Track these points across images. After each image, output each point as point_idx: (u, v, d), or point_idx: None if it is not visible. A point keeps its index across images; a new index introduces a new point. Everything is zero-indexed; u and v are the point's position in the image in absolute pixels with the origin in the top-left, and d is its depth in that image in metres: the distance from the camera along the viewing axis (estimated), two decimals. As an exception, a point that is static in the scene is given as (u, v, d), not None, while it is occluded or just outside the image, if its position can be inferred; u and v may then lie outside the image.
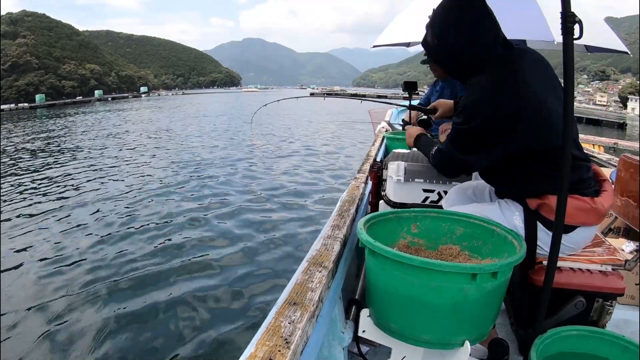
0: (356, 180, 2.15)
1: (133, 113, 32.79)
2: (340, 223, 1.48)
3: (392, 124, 5.57)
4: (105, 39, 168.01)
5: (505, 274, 1.03)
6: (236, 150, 12.07)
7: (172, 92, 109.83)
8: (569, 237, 1.21)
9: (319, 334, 1.01)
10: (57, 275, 4.21)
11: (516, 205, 1.27)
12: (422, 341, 1.07)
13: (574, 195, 1.17)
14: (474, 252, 1.24)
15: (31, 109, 48.06)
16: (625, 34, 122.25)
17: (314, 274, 1.08)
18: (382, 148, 3.44)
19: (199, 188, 7.62)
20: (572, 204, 1.16)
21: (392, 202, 2.09)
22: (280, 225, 5.59)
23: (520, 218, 1.25)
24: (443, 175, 1.47)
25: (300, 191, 7.39)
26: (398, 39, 3.31)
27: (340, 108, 30.92)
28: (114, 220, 5.88)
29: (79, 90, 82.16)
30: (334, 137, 15.65)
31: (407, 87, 1.92)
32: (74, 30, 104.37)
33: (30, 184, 8.44)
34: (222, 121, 22.85)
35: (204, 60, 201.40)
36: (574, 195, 1.18)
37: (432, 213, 1.33)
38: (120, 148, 13.21)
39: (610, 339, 1.05)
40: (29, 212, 6.44)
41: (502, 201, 1.33)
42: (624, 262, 1.27)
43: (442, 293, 0.98)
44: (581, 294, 1.23)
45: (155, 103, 49.92)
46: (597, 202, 1.18)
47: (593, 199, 1.19)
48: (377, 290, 1.12)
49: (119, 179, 8.56)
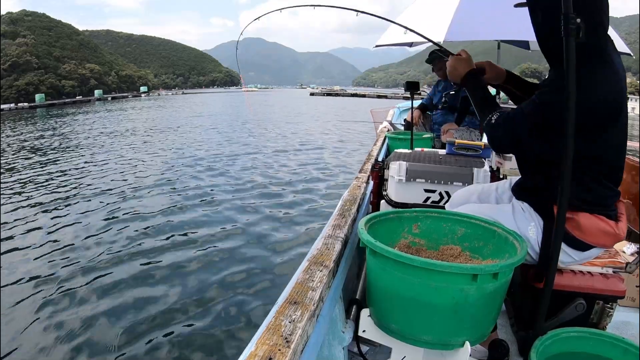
0: (357, 180, 2.15)
1: (133, 112, 32.78)
2: (341, 222, 1.48)
3: (394, 124, 5.58)
4: (105, 39, 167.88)
5: (506, 275, 1.03)
6: (236, 150, 12.07)
7: (172, 91, 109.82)
8: (582, 254, 1.20)
9: (319, 334, 1.01)
10: (53, 274, 4.21)
11: (533, 214, 1.22)
12: (423, 341, 1.07)
13: (600, 217, 1.15)
14: (475, 253, 1.24)
15: (31, 109, 47.98)
16: (625, 33, 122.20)
17: (315, 273, 1.08)
18: (383, 148, 3.44)
19: (199, 187, 7.61)
20: (599, 225, 1.14)
21: (394, 202, 2.09)
22: (280, 224, 5.59)
23: (535, 230, 1.20)
24: (491, 145, 1.26)
25: (301, 190, 7.39)
26: (400, 39, 3.32)
27: (340, 108, 30.87)
28: (109, 217, 5.90)
29: (78, 89, 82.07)
30: (335, 136, 15.65)
31: (409, 87, 1.92)
32: (74, 30, 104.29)
33: (29, 183, 8.43)
34: (222, 121, 22.85)
35: (204, 60, 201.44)
36: (600, 216, 1.15)
37: (433, 213, 1.33)
38: (120, 147, 13.21)
39: (611, 341, 1.05)
40: (27, 211, 6.45)
41: (517, 204, 1.27)
42: (625, 265, 1.27)
43: (442, 293, 0.98)
44: (582, 296, 1.23)
45: (156, 103, 49.91)
46: (619, 227, 1.16)
47: (617, 223, 1.17)
48: (377, 290, 1.12)
49: (118, 177, 8.55)
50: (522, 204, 1.27)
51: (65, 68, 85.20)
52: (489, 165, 2.13)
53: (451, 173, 2.02)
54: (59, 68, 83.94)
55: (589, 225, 1.14)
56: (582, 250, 1.18)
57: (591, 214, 1.14)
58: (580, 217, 1.14)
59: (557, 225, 1.03)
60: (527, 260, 1.22)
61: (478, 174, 2.00)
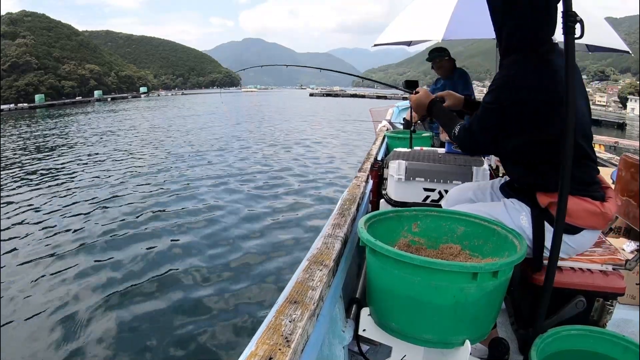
0: (357, 179, 2.14)
1: (132, 113, 32.78)
2: (341, 222, 1.48)
3: (393, 123, 5.58)
4: (104, 39, 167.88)
5: (506, 274, 1.03)
6: (237, 150, 12.07)
7: (171, 92, 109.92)
8: (573, 238, 1.21)
9: (320, 333, 1.01)
10: (53, 274, 4.21)
11: (522, 205, 1.27)
12: (423, 340, 1.07)
13: (584, 198, 1.18)
14: (475, 251, 1.24)
15: (31, 109, 48.03)
16: (625, 34, 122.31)
17: (315, 273, 1.08)
18: (383, 147, 3.44)
19: (199, 186, 7.61)
20: (583, 206, 1.17)
21: (393, 200, 2.09)
22: (280, 223, 5.60)
23: (527, 218, 1.24)
24: (463, 151, 1.44)
25: (301, 190, 7.40)
26: (398, 38, 3.32)
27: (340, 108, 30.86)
28: (109, 217, 5.90)
29: (78, 90, 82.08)
30: (334, 136, 15.65)
31: (408, 86, 1.92)
32: (74, 31, 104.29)
33: (28, 182, 8.43)
34: (222, 120, 22.86)
35: (204, 61, 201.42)
36: (584, 197, 1.18)
37: (433, 212, 1.33)
38: (120, 146, 13.21)
39: (611, 339, 1.05)
40: (26, 211, 6.45)
41: (507, 201, 1.32)
42: (625, 262, 1.27)
43: (442, 292, 0.98)
44: (582, 293, 1.23)
45: (155, 103, 49.93)
46: (605, 206, 1.19)
47: (602, 203, 1.19)
48: (377, 289, 1.12)
49: (118, 176, 8.55)
50: (511, 200, 1.32)
51: (65, 68, 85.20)
52: (488, 163, 2.13)
53: (450, 172, 2.02)
54: (59, 68, 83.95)
55: (574, 207, 1.16)
56: (573, 234, 1.20)
57: (574, 196, 1.16)
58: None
59: (557, 224, 1.03)
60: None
61: (477, 173, 2.00)
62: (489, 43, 4.50)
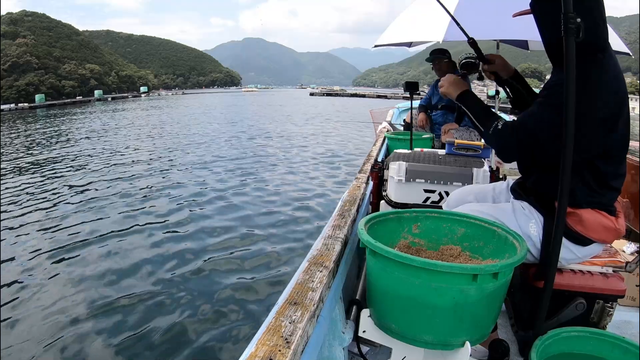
0: (357, 180, 2.14)
1: (133, 112, 32.78)
2: (341, 223, 1.48)
3: (394, 124, 5.58)
4: (105, 39, 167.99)
5: (506, 275, 1.03)
6: (237, 150, 12.07)
7: (172, 91, 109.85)
8: (583, 249, 1.21)
9: (320, 334, 1.01)
10: (53, 275, 4.21)
11: (533, 211, 1.23)
12: (423, 342, 1.07)
13: (601, 212, 1.17)
14: (475, 253, 1.24)
15: (31, 109, 47.97)
16: (625, 33, 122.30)
17: (315, 274, 1.08)
18: (383, 148, 3.44)
19: (199, 186, 7.61)
20: (599, 219, 1.16)
21: (393, 202, 2.09)
22: (280, 224, 5.59)
23: (536, 227, 1.21)
24: (500, 157, 1.25)
25: (301, 190, 7.39)
26: (399, 39, 3.32)
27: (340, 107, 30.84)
28: (108, 217, 5.89)
29: (79, 90, 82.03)
30: (334, 136, 15.65)
31: (409, 87, 1.92)
32: (74, 30, 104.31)
33: (28, 182, 8.43)
34: (222, 121, 22.85)
35: (204, 60, 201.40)
36: (601, 211, 1.17)
37: (433, 213, 1.33)
38: (120, 146, 13.21)
39: (611, 340, 1.05)
40: (26, 213, 6.45)
41: (516, 204, 1.28)
42: (625, 264, 1.27)
43: (442, 293, 0.98)
44: (582, 295, 1.23)
45: (156, 103, 49.92)
46: (619, 222, 1.19)
47: (617, 219, 1.19)
48: (377, 290, 1.12)
49: (117, 177, 8.56)
50: (521, 203, 1.28)
51: (65, 68, 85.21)
52: (489, 165, 2.13)
53: (451, 173, 2.02)
54: (59, 68, 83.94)
55: (591, 220, 1.15)
56: (583, 246, 1.20)
57: (593, 209, 1.16)
58: (582, 212, 1.16)
59: (556, 224, 1.03)
60: (527, 260, 1.23)
61: (478, 174, 2.00)
62: (489, 44, 4.50)
